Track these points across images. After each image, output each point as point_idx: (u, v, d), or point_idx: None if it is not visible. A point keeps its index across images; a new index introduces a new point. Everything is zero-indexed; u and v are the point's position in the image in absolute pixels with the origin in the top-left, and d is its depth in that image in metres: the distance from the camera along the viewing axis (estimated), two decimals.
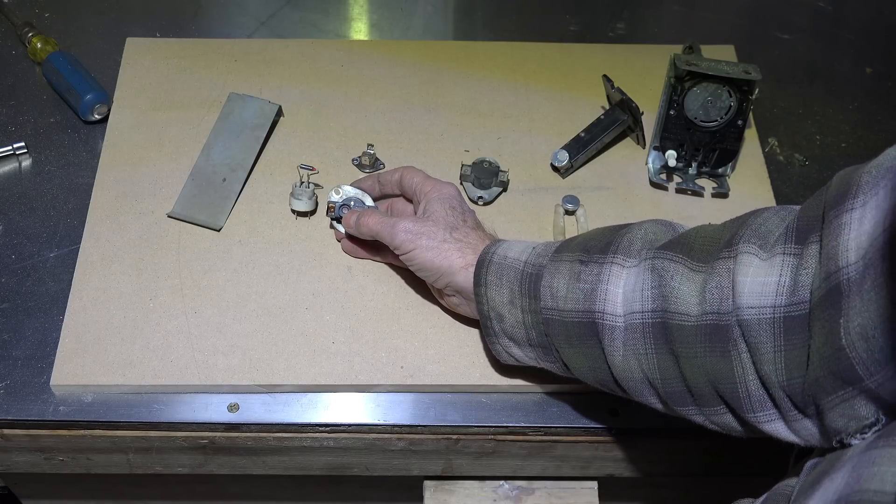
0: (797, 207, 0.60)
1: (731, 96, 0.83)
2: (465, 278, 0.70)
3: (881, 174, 0.52)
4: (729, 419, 0.61)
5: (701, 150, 0.85)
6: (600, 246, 0.65)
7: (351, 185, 0.81)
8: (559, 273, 0.65)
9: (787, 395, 0.56)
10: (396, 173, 0.79)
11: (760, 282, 0.56)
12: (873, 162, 0.54)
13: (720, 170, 0.87)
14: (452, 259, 0.70)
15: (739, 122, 0.84)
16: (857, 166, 0.56)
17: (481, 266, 0.68)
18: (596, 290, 0.63)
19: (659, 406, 0.64)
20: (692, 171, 0.87)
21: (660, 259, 0.61)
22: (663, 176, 0.86)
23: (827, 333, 0.52)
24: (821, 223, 0.55)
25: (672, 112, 0.84)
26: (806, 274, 0.55)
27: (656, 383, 0.62)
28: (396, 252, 0.73)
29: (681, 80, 0.83)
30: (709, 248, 0.61)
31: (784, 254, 0.56)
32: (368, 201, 0.80)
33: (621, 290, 0.62)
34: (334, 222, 0.81)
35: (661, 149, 0.86)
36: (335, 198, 0.80)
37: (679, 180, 0.87)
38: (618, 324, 0.62)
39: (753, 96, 0.83)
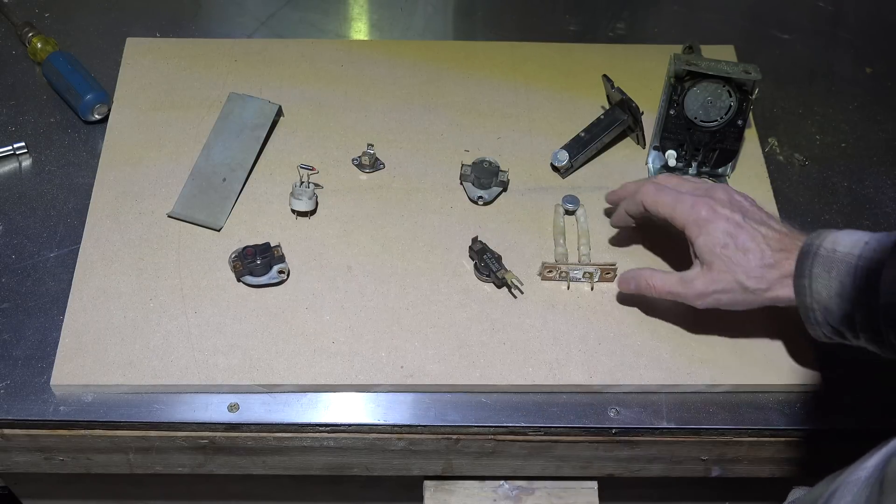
0: None
1: (730, 96, 0.83)
2: (783, 294, 0.68)
3: None
4: None
5: (701, 149, 0.85)
6: None
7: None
8: None
9: None
10: (637, 196, 0.74)
11: None
12: None
13: (720, 170, 0.87)
14: (761, 299, 0.69)
15: (739, 122, 0.84)
16: None
17: (805, 258, 0.66)
18: None
19: None
20: (692, 171, 0.87)
21: None
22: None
23: None
24: None
25: (672, 112, 0.84)
26: None
27: None
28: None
29: (681, 80, 0.83)
30: None
31: None
32: None
33: None
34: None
35: (661, 149, 0.86)
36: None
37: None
38: None
39: (753, 96, 0.83)
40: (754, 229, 0.69)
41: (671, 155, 0.85)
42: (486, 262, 0.79)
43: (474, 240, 0.81)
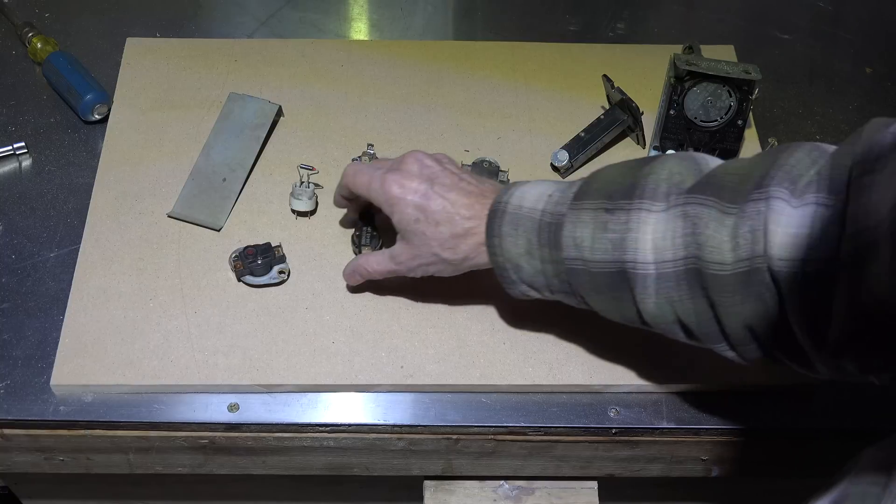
0: (827, 148, 0.60)
1: (731, 96, 0.83)
2: (482, 261, 0.69)
3: None
4: (758, 353, 0.62)
5: (701, 149, 0.85)
6: (623, 190, 0.63)
7: None
8: (581, 222, 0.64)
9: (813, 343, 0.57)
10: (342, 178, 0.75)
11: (793, 234, 0.56)
12: None
13: None
14: (464, 266, 0.70)
15: (739, 122, 0.84)
16: (887, 121, 0.56)
17: (494, 217, 0.67)
18: (625, 240, 0.62)
19: (687, 340, 0.65)
20: None
21: (692, 205, 0.60)
22: None
23: (850, 297, 0.53)
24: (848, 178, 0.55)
25: (672, 112, 0.84)
26: (834, 230, 0.55)
27: (691, 325, 0.62)
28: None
29: (681, 80, 0.83)
30: (738, 187, 0.59)
31: (816, 204, 0.56)
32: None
33: (650, 237, 0.61)
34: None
35: (661, 148, 0.86)
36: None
37: None
38: (649, 271, 0.61)
39: (753, 96, 0.83)
40: (443, 198, 0.69)
41: None
42: (361, 233, 0.79)
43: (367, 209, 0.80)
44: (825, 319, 0.56)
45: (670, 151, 0.69)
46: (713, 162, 0.64)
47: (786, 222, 0.56)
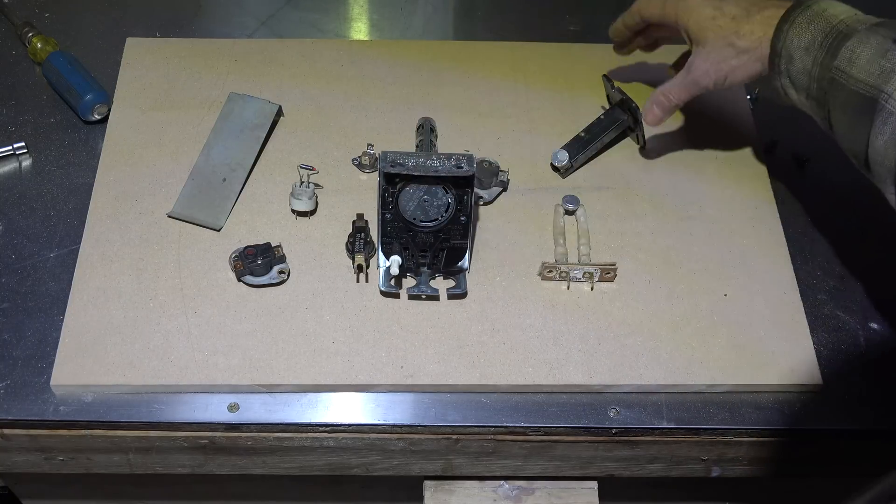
0: None
1: (447, 192, 0.74)
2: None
3: None
4: None
5: (428, 251, 0.77)
6: None
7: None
8: (867, 42, 0.66)
9: None
10: (633, 6, 0.81)
11: None
12: None
13: (458, 264, 0.79)
14: (756, 57, 0.73)
15: (462, 219, 0.75)
16: None
17: (796, 7, 0.70)
18: (894, 73, 0.63)
19: (892, 194, 0.66)
20: (425, 272, 0.78)
21: None
22: (393, 282, 0.77)
23: None
24: None
25: (388, 216, 0.75)
26: None
27: None
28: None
29: (391, 182, 0.74)
30: None
31: None
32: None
33: None
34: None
35: (386, 254, 0.77)
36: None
37: (412, 284, 0.78)
38: (895, 112, 0.63)
39: (472, 189, 0.74)
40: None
41: (395, 262, 0.76)
42: (355, 239, 0.78)
43: (359, 216, 0.80)
44: None
45: None
46: None
47: None
